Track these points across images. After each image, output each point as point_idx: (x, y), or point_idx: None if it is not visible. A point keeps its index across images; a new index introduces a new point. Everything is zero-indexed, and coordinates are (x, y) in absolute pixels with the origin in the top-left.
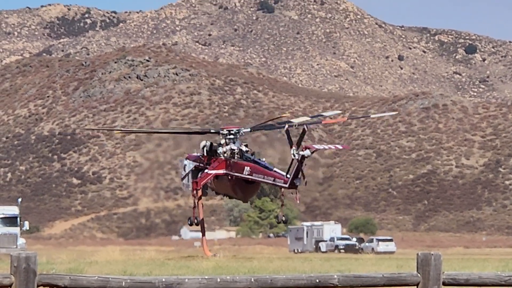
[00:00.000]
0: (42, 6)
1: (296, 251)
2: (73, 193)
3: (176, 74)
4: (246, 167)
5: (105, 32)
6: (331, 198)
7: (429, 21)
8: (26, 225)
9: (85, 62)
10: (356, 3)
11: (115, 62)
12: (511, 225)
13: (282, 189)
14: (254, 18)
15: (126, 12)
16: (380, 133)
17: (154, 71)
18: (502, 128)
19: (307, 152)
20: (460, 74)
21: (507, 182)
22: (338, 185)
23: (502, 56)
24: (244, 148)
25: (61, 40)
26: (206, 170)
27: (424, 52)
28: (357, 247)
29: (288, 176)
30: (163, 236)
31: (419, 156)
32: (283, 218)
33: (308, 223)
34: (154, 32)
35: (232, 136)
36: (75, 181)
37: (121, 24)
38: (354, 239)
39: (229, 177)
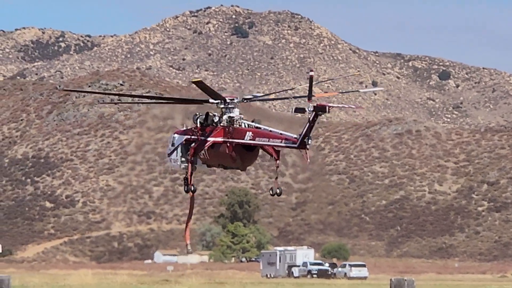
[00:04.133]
0: (16, 30)
1: (268, 276)
2: (46, 216)
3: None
4: (248, 132)
5: (79, 55)
6: (304, 223)
7: (403, 47)
8: None
9: (59, 86)
10: (330, 29)
11: (89, 86)
12: (483, 252)
13: (277, 161)
14: (228, 43)
15: (100, 36)
16: (353, 158)
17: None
18: (475, 155)
19: (321, 109)
20: (433, 100)
21: (480, 209)
22: (311, 210)
23: (475, 83)
24: (241, 116)
25: (35, 63)
26: (203, 138)
27: (398, 78)
28: (330, 272)
29: (295, 137)
30: (135, 260)
31: (392, 182)
32: (277, 191)
33: (281, 248)
34: (128, 56)
35: (230, 105)
36: (48, 204)
37: (95, 48)
38: (327, 264)
39: (228, 145)
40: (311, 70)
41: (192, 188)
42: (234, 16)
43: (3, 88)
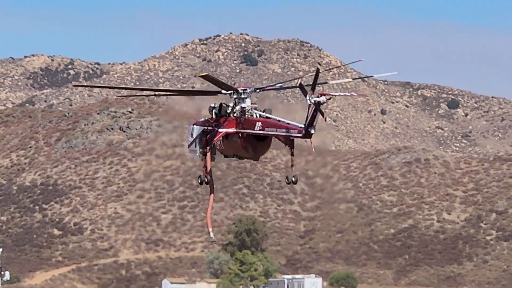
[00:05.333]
0: (25, 57)
1: None
2: (54, 243)
3: (159, 126)
4: (257, 123)
5: (88, 83)
6: (312, 252)
7: (412, 76)
8: (7, 275)
9: (68, 113)
10: (339, 57)
11: (98, 113)
12: (491, 281)
13: (293, 149)
14: (238, 70)
15: (109, 63)
16: (362, 187)
17: (137, 122)
18: (483, 183)
19: (322, 99)
20: (442, 129)
21: (488, 238)
22: (319, 239)
23: (484, 111)
24: (255, 106)
25: (44, 90)
26: (216, 129)
27: (407, 106)
28: None
29: (301, 126)
30: None
31: (400, 211)
32: (293, 179)
33: (289, 276)
34: (138, 83)
35: (243, 96)
36: (56, 231)
37: (104, 75)
38: None
39: (240, 135)
40: (319, 64)
41: (206, 180)
42: (243, 44)
43: (12, 115)
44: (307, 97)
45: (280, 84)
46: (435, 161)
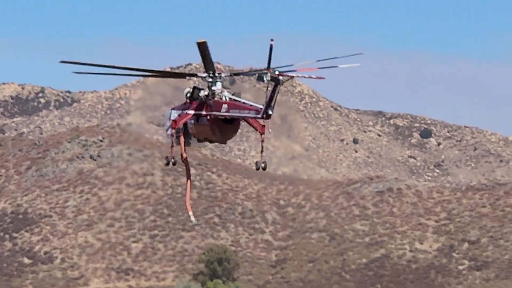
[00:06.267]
0: None
1: None
2: (24, 272)
3: (130, 155)
4: (224, 105)
5: (59, 111)
6: (283, 281)
7: (385, 105)
8: None
9: (38, 142)
10: (311, 86)
11: (69, 142)
12: None
13: (263, 135)
14: None
15: (80, 92)
16: (334, 216)
17: (108, 151)
18: (456, 213)
19: (280, 79)
20: (415, 158)
21: (460, 267)
22: (291, 268)
23: (457, 141)
24: (225, 90)
25: (15, 119)
26: (185, 111)
27: (379, 135)
28: None
29: (261, 107)
30: None
31: (372, 240)
32: (262, 165)
33: None
34: (108, 112)
35: (212, 79)
36: (26, 260)
37: (75, 103)
38: None
39: (208, 118)
40: (272, 40)
41: (173, 161)
42: None
43: None
44: (264, 77)
45: (253, 72)
46: (408, 191)
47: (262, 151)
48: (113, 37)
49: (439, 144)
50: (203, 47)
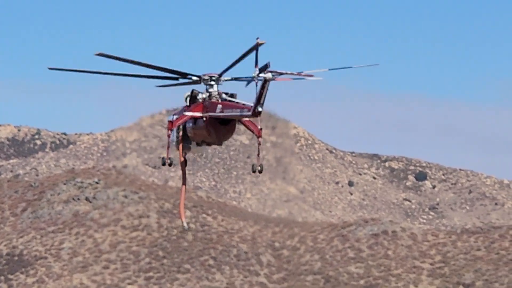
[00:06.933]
0: None
1: None
2: None
3: (125, 197)
4: (218, 105)
5: (55, 153)
6: None
7: (380, 148)
8: None
9: (34, 183)
10: (307, 129)
11: (64, 184)
12: None
13: (259, 138)
14: None
15: (76, 133)
16: (329, 258)
17: (103, 193)
18: (451, 256)
19: (269, 75)
20: (410, 201)
21: None
22: None
23: (452, 184)
24: (222, 92)
25: (11, 160)
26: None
27: (374, 178)
28: None
29: (251, 105)
30: None
31: (367, 283)
32: (259, 168)
33: None
34: (104, 154)
35: (211, 82)
36: None
37: (71, 145)
38: None
39: (204, 119)
40: (258, 38)
41: (169, 162)
42: None
43: None
44: (253, 74)
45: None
46: (403, 233)
47: (258, 154)
48: (108, 79)
49: (434, 187)
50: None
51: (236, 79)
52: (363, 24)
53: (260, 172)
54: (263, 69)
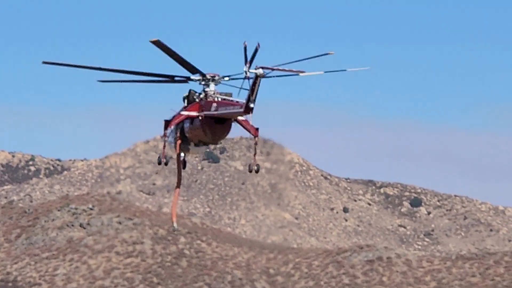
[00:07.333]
0: None
1: None
2: None
3: (120, 223)
4: (213, 104)
5: (49, 179)
6: None
7: (375, 174)
8: None
9: (28, 210)
10: (301, 155)
11: (58, 210)
12: None
13: (256, 138)
14: (199, 168)
15: (70, 160)
16: (324, 285)
17: (98, 219)
18: (446, 282)
19: (260, 71)
20: (405, 227)
21: None
22: None
23: (447, 210)
24: (218, 92)
25: (5, 187)
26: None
27: (369, 204)
28: None
29: (243, 102)
30: None
31: None
32: (255, 168)
33: None
34: (99, 180)
35: (208, 81)
36: None
37: (65, 172)
38: None
39: (200, 118)
40: (245, 42)
41: (164, 161)
42: None
43: None
44: (244, 69)
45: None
46: (397, 260)
47: (255, 154)
48: (102, 105)
49: (429, 213)
50: (159, 44)
51: (228, 76)
52: (359, 40)
53: (257, 172)
54: (254, 53)
